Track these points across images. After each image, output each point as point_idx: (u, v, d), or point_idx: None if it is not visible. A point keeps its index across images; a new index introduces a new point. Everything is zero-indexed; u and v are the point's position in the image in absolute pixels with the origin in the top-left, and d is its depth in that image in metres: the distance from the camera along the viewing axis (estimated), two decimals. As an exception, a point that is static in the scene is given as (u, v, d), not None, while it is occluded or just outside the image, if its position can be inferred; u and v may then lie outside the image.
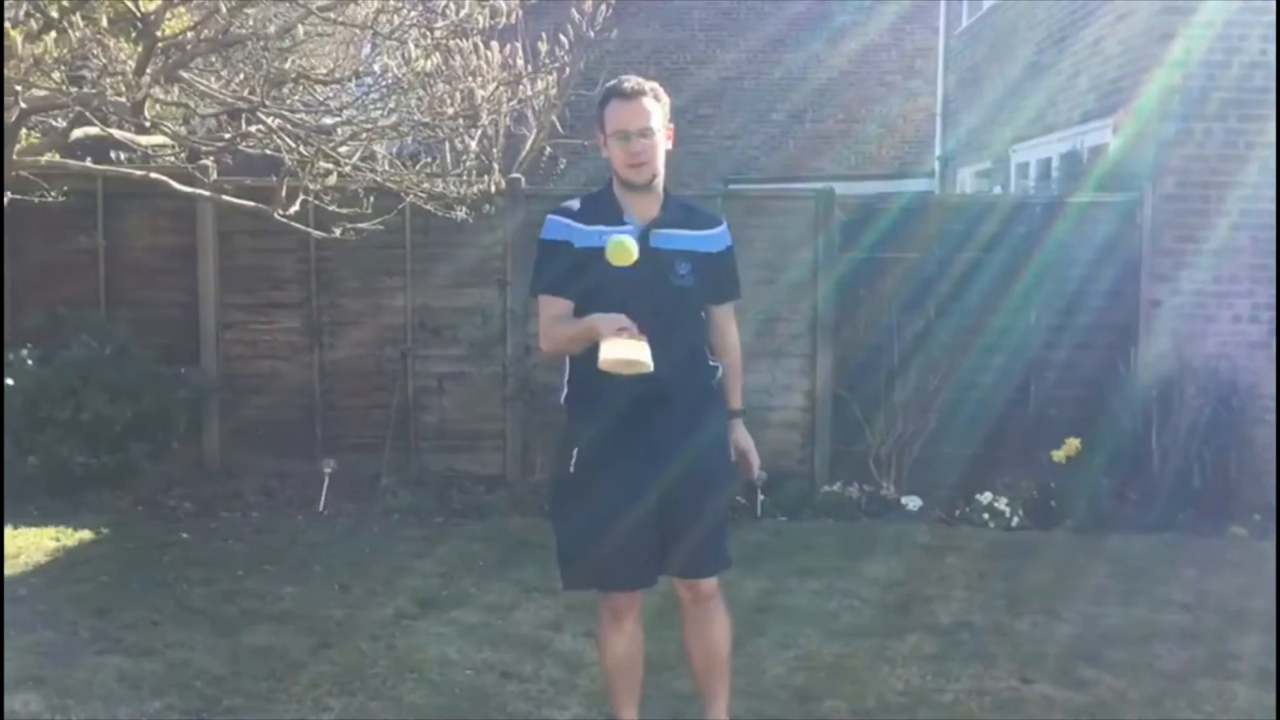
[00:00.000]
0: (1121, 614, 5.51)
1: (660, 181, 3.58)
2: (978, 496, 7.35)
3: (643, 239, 3.47)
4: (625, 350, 3.20)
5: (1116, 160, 8.36)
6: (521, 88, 6.16)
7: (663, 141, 3.55)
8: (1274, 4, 7.66)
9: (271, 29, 5.18)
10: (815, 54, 16.71)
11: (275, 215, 6.43)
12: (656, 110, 3.52)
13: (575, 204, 3.58)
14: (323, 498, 7.31)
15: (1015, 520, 7.21)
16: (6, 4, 4.56)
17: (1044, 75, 10.24)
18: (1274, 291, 7.71)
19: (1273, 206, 7.67)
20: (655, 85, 3.57)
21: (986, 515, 7.23)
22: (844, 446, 7.84)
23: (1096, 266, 7.83)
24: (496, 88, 5.95)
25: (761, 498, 7.29)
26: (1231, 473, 7.32)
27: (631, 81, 3.55)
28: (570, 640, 4.99)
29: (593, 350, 3.30)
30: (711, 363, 3.72)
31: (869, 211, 8.02)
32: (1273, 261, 7.68)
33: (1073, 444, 7.42)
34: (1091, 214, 7.89)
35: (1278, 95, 7.67)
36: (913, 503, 7.51)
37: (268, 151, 6.12)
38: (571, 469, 3.55)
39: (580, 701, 4.35)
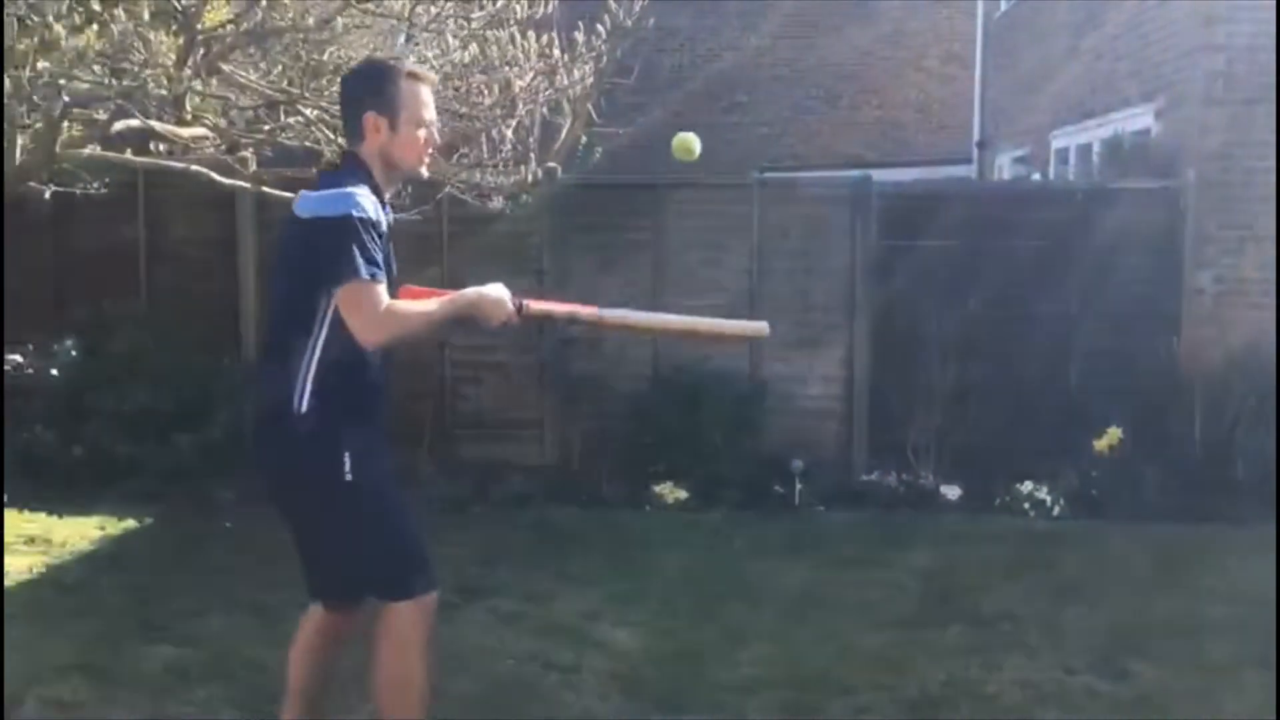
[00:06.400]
0: (1165, 605, 5.46)
1: None
2: (1018, 486, 7.29)
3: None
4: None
5: (1159, 146, 8.26)
6: (558, 77, 6.15)
7: None
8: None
9: (310, 21, 5.19)
10: (851, 39, 16.60)
11: (314, 206, 6.44)
12: None
13: (357, 180, 3.24)
14: (362, 487, 7.33)
15: (1056, 510, 7.16)
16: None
17: (1084, 60, 10.13)
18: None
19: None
20: None
21: (1027, 504, 7.18)
22: (882, 435, 7.81)
23: (1139, 254, 7.76)
24: (533, 77, 5.95)
25: (799, 487, 7.27)
26: (1275, 463, 7.22)
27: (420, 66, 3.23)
28: (609, 629, 5.00)
29: (354, 348, 3.18)
30: None
31: (906, 199, 7.97)
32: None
33: (1114, 433, 7.34)
34: (1134, 200, 7.81)
35: (1277, 88, 7.57)
36: (952, 492, 7.46)
37: (306, 143, 6.14)
38: (348, 476, 3.21)
39: (620, 691, 4.36)
